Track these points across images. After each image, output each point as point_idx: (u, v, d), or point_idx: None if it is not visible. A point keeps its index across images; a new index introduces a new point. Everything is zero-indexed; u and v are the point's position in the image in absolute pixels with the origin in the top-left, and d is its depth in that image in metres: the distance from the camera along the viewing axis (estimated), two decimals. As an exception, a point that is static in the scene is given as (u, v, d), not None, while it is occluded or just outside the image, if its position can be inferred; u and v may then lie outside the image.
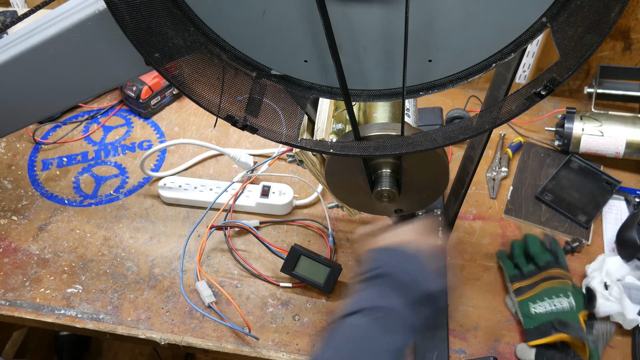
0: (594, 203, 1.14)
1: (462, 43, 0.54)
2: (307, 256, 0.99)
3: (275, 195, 1.12)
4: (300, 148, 0.66)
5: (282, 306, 1.01)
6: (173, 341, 0.96)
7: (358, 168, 0.74)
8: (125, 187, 1.20)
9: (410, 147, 0.61)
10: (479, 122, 0.58)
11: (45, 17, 0.74)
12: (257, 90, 0.63)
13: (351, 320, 0.60)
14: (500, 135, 1.28)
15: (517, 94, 0.56)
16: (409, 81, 0.59)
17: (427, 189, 0.78)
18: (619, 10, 0.45)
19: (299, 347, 0.96)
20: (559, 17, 0.50)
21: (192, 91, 0.61)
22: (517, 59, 0.63)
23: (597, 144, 1.17)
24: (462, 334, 0.98)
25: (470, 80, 0.57)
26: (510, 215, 1.14)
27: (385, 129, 0.69)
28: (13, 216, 1.14)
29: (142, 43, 0.56)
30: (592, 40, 0.48)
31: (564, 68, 0.51)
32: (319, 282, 1.00)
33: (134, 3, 0.53)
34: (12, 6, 1.47)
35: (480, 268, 1.06)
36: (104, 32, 0.72)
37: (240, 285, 1.04)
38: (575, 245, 1.07)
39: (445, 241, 0.72)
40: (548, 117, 1.31)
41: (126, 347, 1.74)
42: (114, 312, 0.99)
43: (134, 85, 1.29)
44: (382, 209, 0.84)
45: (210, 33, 0.58)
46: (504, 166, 1.22)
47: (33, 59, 0.75)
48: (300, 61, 0.59)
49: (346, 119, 0.78)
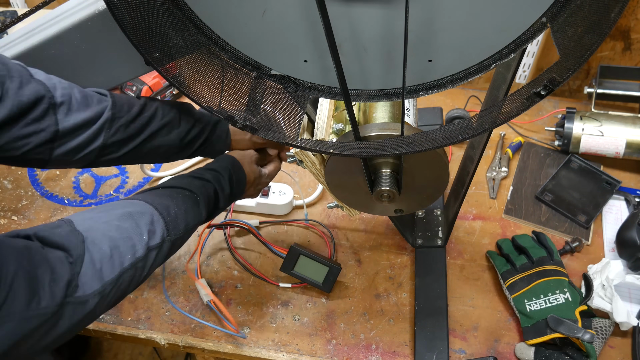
0: (594, 203, 1.14)
1: (462, 43, 0.54)
2: (306, 255, 1.00)
3: (275, 195, 1.12)
4: (300, 148, 0.66)
5: (282, 306, 1.01)
6: (173, 341, 0.96)
7: (358, 168, 0.74)
8: (125, 187, 1.20)
9: (410, 147, 0.61)
10: (479, 122, 0.58)
11: (45, 17, 0.74)
12: (257, 90, 0.63)
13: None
14: (500, 135, 1.28)
15: (517, 94, 0.55)
16: (409, 81, 0.59)
17: (427, 189, 0.78)
18: (619, 10, 0.45)
19: (299, 347, 0.96)
20: (559, 17, 0.50)
21: (192, 91, 0.61)
22: (517, 59, 0.63)
23: (597, 144, 1.17)
24: (462, 334, 0.98)
25: (470, 80, 0.57)
26: (510, 215, 1.14)
27: (385, 129, 0.69)
28: (13, 216, 1.14)
29: (142, 43, 0.56)
30: (592, 40, 0.48)
31: (564, 68, 0.51)
32: (318, 282, 1.00)
33: (134, 3, 0.53)
34: (12, 6, 1.48)
35: (480, 268, 1.06)
36: (104, 32, 0.72)
37: (240, 285, 1.04)
38: (575, 245, 1.07)
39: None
40: (548, 117, 1.31)
41: (126, 347, 1.74)
42: (114, 312, 0.99)
43: (134, 85, 1.29)
44: (382, 209, 0.84)
45: (210, 33, 0.58)
46: (504, 166, 1.22)
47: (33, 59, 0.75)
48: (300, 61, 0.59)
49: (346, 119, 0.78)
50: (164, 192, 0.74)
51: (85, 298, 0.56)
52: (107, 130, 0.73)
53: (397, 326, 0.98)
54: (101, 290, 0.58)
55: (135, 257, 0.63)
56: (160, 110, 0.79)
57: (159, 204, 0.70)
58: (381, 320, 0.99)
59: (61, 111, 0.69)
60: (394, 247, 1.09)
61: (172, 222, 0.69)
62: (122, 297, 0.64)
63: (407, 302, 1.01)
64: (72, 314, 0.55)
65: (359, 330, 0.98)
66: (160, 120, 0.78)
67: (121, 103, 0.75)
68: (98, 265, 0.58)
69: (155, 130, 0.78)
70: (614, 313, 0.93)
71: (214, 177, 0.80)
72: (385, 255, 1.08)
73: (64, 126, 0.69)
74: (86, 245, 0.58)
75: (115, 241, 0.61)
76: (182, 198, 0.74)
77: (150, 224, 0.66)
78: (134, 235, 0.64)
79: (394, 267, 1.06)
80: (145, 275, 0.66)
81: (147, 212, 0.67)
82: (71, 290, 0.55)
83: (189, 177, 0.79)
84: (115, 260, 0.60)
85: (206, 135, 0.85)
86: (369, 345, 0.96)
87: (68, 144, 0.70)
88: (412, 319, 0.99)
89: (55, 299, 0.53)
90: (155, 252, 0.66)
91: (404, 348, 0.96)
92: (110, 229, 0.62)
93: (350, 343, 0.96)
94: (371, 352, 0.95)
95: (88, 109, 0.71)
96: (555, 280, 0.96)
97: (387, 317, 1.00)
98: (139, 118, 0.76)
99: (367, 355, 0.95)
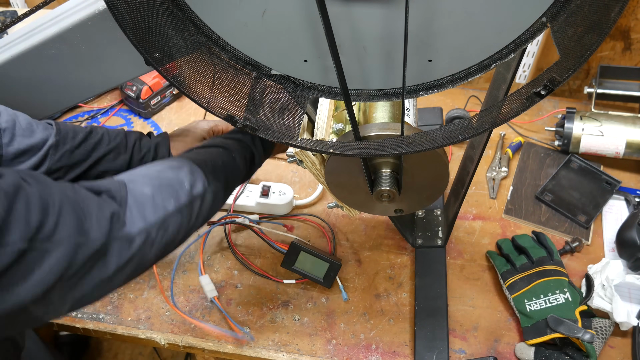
0: (594, 203, 1.14)
1: (462, 43, 0.54)
2: (306, 251, 1.00)
3: (275, 195, 1.12)
4: (300, 148, 0.66)
5: (282, 306, 1.01)
6: (173, 341, 0.96)
7: (358, 168, 0.74)
8: (125, 187, 1.20)
9: (410, 147, 0.61)
10: (479, 122, 0.58)
11: (45, 17, 0.74)
12: (257, 90, 0.63)
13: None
14: (500, 135, 1.28)
15: (517, 94, 0.55)
16: (409, 81, 0.59)
17: (427, 189, 0.78)
18: (618, 10, 0.45)
19: (299, 347, 0.96)
20: (559, 17, 0.50)
21: (192, 91, 0.61)
22: (517, 59, 0.63)
23: (597, 144, 1.17)
24: (462, 334, 0.98)
25: (470, 80, 0.57)
26: (510, 215, 1.14)
27: (385, 129, 0.69)
28: (13, 216, 1.14)
29: (142, 43, 0.56)
30: (592, 40, 0.48)
31: (564, 68, 0.51)
32: (319, 277, 1.00)
33: (134, 3, 0.53)
34: (12, 6, 1.48)
35: (480, 268, 1.06)
36: (104, 32, 0.72)
37: (240, 285, 1.04)
38: (575, 245, 1.07)
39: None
40: (548, 117, 1.31)
41: (126, 347, 1.74)
42: (114, 312, 0.99)
43: (134, 85, 1.29)
44: (382, 209, 0.84)
45: (210, 33, 0.58)
46: (504, 166, 1.22)
47: (33, 58, 0.75)
48: (300, 61, 0.59)
49: (346, 118, 0.78)
50: (198, 151, 0.75)
51: (132, 236, 0.57)
52: (52, 156, 0.75)
53: (397, 326, 0.98)
54: (146, 229, 0.59)
55: (179, 202, 0.64)
56: (106, 137, 0.81)
57: (196, 159, 0.71)
58: (381, 320, 0.99)
59: (5, 136, 0.71)
60: (394, 247, 1.09)
61: (211, 173, 0.70)
62: (170, 244, 0.64)
63: (407, 302, 1.01)
64: (119, 250, 0.55)
65: (359, 330, 0.98)
66: (107, 146, 0.80)
67: (66, 130, 0.77)
68: (141, 207, 0.59)
69: (101, 155, 0.79)
70: (614, 313, 0.93)
71: (243, 135, 0.81)
72: (385, 255, 1.08)
73: (7, 151, 0.71)
74: (128, 188, 0.60)
75: (156, 187, 0.62)
76: (216, 153, 0.75)
77: (190, 174, 0.67)
78: (175, 183, 0.65)
79: (394, 267, 1.06)
80: (193, 224, 0.67)
81: (186, 164, 0.68)
82: (118, 226, 0.56)
83: (220, 137, 0.80)
84: (158, 203, 0.61)
85: (152, 156, 0.87)
86: (369, 345, 0.96)
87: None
88: (412, 319, 0.99)
89: (102, 231, 0.53)
90: (199, 202, 0.67)
91: (404, 348, 0.96)
92: (151, 177, 0.64)
93: (350, 343, 0.96)
94: (371, 352, 0.95)
95: (33, 135, 0.73)
96: (555, 280, 0.96)
97: (387, 317, 1.00)
98: (84, 144, 0.78)
99: (367, 355, 0.95)
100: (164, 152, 0.89)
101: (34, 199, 0.49)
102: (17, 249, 0.46)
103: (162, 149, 0.89)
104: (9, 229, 0.46)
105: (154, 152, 0.88)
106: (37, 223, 0.48)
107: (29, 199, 0.49)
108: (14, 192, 0.48)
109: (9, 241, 0.46)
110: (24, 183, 0.50)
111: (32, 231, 0.48)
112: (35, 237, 0.48)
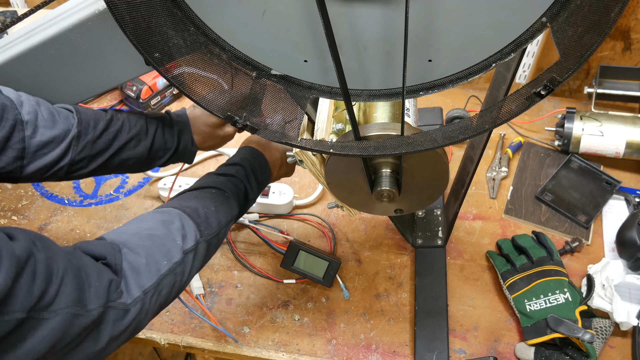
0: (594, 203, 1.14)
1: (462, 43, 0.54)
2: (306, 251, 1.00)
3: (275, 195, 1.12)
4: (300, 148, 0.66)
5: (282, 306, 1.01)
6: (173, 341, 0.96)
7: (358, 168, 0.74)
8: (125, 187, 1.20)
9: (410, 147, 0.61)
10: (479, 122, 0.58)
11: (45, 17, 0.74)
12: (257, 90, 0.63)
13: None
14: (500, 135, 1.28)
15: (517, 94, 0.55)
16: (409, 81, 0.59)
17: (427, 189, 0.78)
18: (618, 10, 0.45)
19: (299, 347, 0.96)
20: (559, 17, 0.50)
21: (192, 91, 0.61)
22: (517, 59, 0.63)
23: (597, 144, 1.17)
24: (462, 334, 0.98)
25: (470, 80, 0.57)
26: (510, 215, 1.14)
27: (385, 129, 0.69)
28: (13, 216, 1.14)
29: (142, 43, 0.56)
30: (592, 40, 0.48)
31: (564, 68, 0.51)
32: (318, 276, 1.00)
33: (134, 3, 0.53)
34: (12, 6, 1.48)
35: (480, 268, 1.06)
36: (104, 32, 0.72)
37: (240, 285, 1.04)
38: (575, 245, 1.07)
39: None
40: (548, 117, 1.31)
41: (126, 347, 1.74)
42: (114, 312, 0.99)
43: (134, 85, 1.29)
44: (382, 209, 0.84)
45: (210, 33, 0.58)
46: (504, 166, 1.22)
47: (33, 59, 0.75)
48: (300, 61, 0.59)
49: (346, 119, 0.78)
50: (189, 195, 0.74)
51: (127, 306, 0.57)
52: (74, 148, 0.74)
53: (397, 326, 0.98)
54: (142, 298, 0.58)
55: (171, 262, 0.63)
56: (127, 124, 0.79)
57: (187, 207, 0.70)
58: (381, 320, 0.99)
59: (28, 128, 0.69)
60: (394, 247, 1.09)
61: (203, 222, 0.70)
62: (163, 304, 0.64)
63: (407, 302, 1.01)
64: (114, 320, 0.55)
65: (359, 330, 0.98)
66: (127, 134, 0.79)
67: (87, 119, 0.75)
68: (136, 273, 0.59)
69: (122, 144, 0.78)
70: (614, 313, 0.93)
71: (236, 170, 0.80)
72: (385, 255, 1.08)
73: (30, 143, 0.70)
74: (123, 254, 0.59)
75: (149, 249, 0.62)
76: (209, 197, 0.74)
77: (181, 229, 0.67)
78: (167, 241, 0.64)
79: (394, 267, 1.06)
80: (187, 279, 0.67)
81: (176, 217, 0.68)
82: (115, 296, 0.55)
83: (213, 176, 0.79)
84: (152, 267, 0.61)
85: (175, 144, 0.85)
86: (369, 345, 0.96)
87: (38, 161, 0.71)
88: (412, 319, 0.99)
89: (100, 302, 0.53)
90: (192, 255, 0.67)
91: (404, 348, 0.96)
92: (143, 238, 0.63)
93: (350, 343, 0.96)
94: (371, 352, 0.95)
95: (55, 126, 0.72)
96: (555, 280, 0.96)
97: (387, 317, 1.00)
98: (105, 134, 0.76)
99: (367, 355, 0.95)
100: (187, 140, 0.86)
101: (40, 267, 0.48)
102: (16, 319, 0.45)
103: (185, 135, 0.86)
104: (13, 297, 0.45)
105: (177, 141, 0.85)
106: (39, 293, 0.47)
107: (36, 267, 0.48)
108: (25, 259, 0.47)
109: (9, 310, 0.45)
110: (34, 248, 0.49)
111: (33, 301, 0.47)
112: (35, 306, 0.47)
